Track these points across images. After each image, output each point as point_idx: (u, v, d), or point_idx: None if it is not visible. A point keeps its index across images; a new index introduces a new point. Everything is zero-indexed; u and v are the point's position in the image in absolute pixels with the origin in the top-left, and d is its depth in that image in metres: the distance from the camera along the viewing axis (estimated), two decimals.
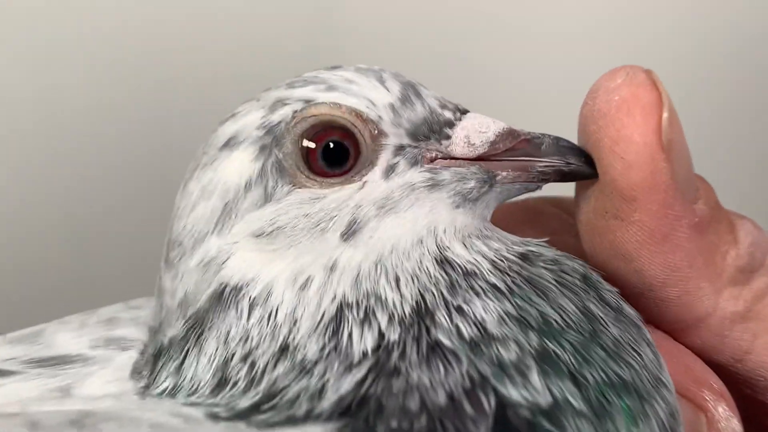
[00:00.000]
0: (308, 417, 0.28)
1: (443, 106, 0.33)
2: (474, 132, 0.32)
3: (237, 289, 0.31)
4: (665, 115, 0.30)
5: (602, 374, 0.29)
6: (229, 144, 0.32)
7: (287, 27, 0.62)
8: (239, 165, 0.32)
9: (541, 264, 0.31)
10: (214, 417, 0.29)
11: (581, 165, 0.32)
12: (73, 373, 0.33)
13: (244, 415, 0.29)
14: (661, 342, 0.32)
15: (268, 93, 0.33)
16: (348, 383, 0.28)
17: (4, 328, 0.35)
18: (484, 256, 0.31)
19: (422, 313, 0.30)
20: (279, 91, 0.33)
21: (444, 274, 0.31)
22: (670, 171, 0.30)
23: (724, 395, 0.31)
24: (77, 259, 0.62)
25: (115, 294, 0.39)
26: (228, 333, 0.30)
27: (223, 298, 0.31)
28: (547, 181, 0.33)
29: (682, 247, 0.31)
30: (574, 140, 0.33)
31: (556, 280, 0.31)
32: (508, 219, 0.36)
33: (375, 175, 0.32)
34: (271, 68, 0.58)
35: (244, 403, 0.29)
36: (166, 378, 0.31)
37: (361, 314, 0.30)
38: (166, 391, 0.31)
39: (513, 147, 0.32)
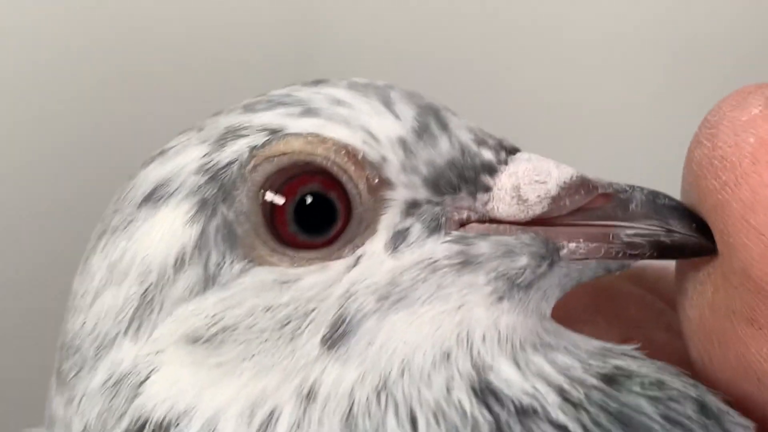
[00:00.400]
0: None
1: (481, 143, 0.26)
2: (527, 182, 0.26)
3: (163, 428, 0.25)
4: None
5: None
6: (153, 197, 0.26)
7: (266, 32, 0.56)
8: (167, 230, 0.25)
9: (637, 389, 0.25)
10: None
11: (691, 235, 0.25)
12: None
13: None
14: None
15: (215, 119, 0.27)
16: None
17: None
18: (547, 382, 0.25)
19: None
20: (232, 116, 0.26)
21: (487, 413, 0.24)
22: None
23: None
24: None
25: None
26: None
27: None
28: (637, 257, 0.26)
29: None
30: (674, 194, 0.27)
31: (661, 416, 0.24)
32: (565, 303, 0.28)
33: (375, 245, 0.25)
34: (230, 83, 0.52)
35: None
36: None
37: None
38: None
39: (586, 205, 0.26)
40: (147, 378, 0.25)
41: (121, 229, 0.26)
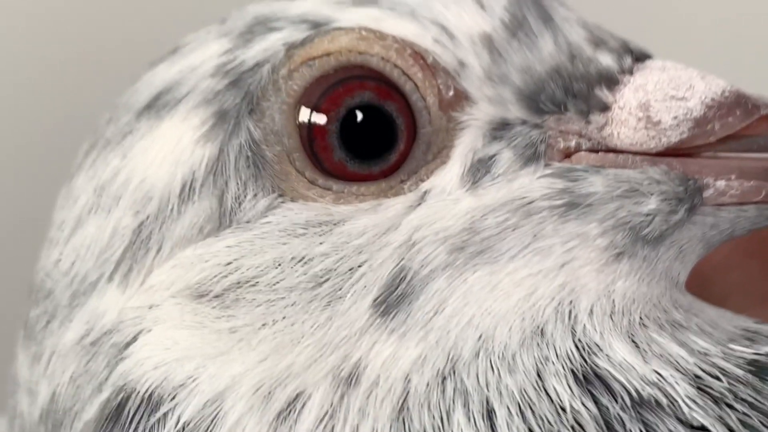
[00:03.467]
0: None
1: (598, 44, 0.24)
2: (661, 98, 0.23)
3: (152, 402, 0.23)
4: None
5: None
6: (157, 104, 0.24)
7: None
8: (173, 147, 0.23)
9: None
10: None
11: None
12: None
13: None
14: None
15: (243, 10, 0.25)
16: None
17: None
18: (676, 367, 0.23)
19: None
20: (264, 3, 0.24)
21: (592, 406, 0.22)
22: None
23: None
24: None
25: None
26: None
27: (125, 416, 0.23)
28: None
29: None
30: None
31: None
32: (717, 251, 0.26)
33: (447, 178, 0.23)
34: None
35: None
36: None
37: None
38: None
39: (743, 131, 0.23)
40: (135, 338, 0.23)
41: (115, 143, 0.24)
